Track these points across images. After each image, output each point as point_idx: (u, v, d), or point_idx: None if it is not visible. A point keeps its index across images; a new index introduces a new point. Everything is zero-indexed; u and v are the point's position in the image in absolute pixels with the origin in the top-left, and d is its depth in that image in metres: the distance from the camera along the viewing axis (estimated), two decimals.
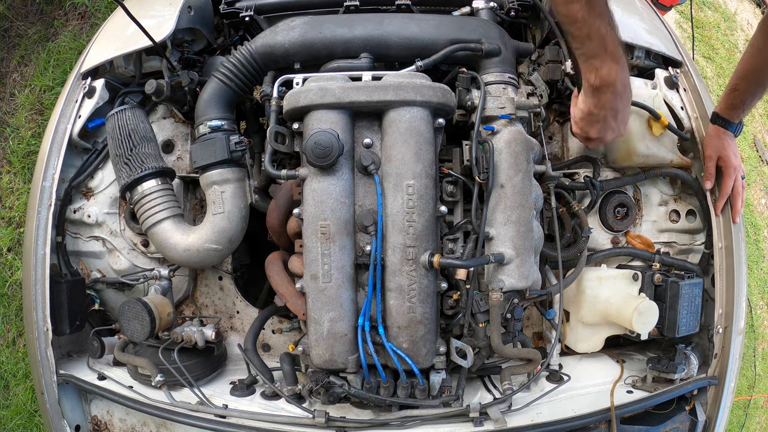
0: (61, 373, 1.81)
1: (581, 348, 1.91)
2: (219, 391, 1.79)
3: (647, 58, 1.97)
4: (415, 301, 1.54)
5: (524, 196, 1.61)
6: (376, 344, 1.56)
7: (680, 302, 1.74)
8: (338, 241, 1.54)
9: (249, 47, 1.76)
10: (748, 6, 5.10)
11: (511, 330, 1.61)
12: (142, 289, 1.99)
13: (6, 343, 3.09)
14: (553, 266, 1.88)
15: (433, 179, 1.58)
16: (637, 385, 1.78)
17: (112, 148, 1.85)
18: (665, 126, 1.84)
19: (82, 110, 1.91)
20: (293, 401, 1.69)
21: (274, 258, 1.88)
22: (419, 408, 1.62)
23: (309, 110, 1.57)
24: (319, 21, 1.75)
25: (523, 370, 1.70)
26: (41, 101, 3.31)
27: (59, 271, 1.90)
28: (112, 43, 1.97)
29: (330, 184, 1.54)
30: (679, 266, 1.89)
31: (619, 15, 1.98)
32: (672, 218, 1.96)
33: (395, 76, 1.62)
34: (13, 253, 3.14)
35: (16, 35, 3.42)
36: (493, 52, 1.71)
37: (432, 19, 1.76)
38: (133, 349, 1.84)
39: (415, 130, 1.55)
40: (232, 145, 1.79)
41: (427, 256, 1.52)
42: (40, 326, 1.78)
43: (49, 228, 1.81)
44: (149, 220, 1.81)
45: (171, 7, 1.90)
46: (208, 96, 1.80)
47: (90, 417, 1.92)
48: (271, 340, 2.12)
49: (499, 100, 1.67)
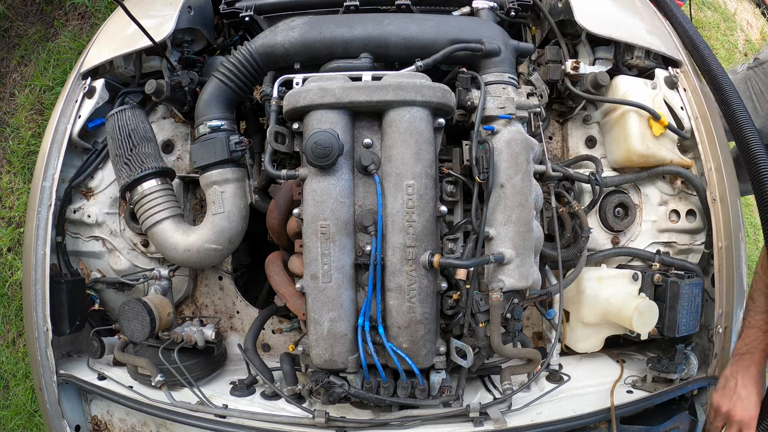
0: (61, 373, 1.81)
1: (581, 348, 1.91)
2: (219, 391, 1.79)
3: (647, 58, 1.97)
4: (415, 301, 1.54)
5: (524, 196, 1.61)
6: (376, 344, 1.56)
7: (680, 302, 1.73)
8: (338, 241, 1.54)
9: (249, 47, 1.76)
10: (747, 6, 5.10)
11: (511, 330, 1.61)
12: (142, 289, 1.99)
13: (6, 343, 3.09)
14: (553, 266, 1.87)
15: (433, 179, 1.58)
16: (637, 385, 1.78)
17: (112, 148, 1.85)
18: (665, 126, 1.84)
19: (82, 110, 1.92)
20: (293, 401, 1.69)
21: (274, 258, 1.88)
22: (419, 408, 1.62)
23: (309, 110, 1.57)
24: (319, 21, 1.75)
25: (523, 370, 1.70)
26: (41, 101, 3.31)
27: (59, 271, 1.90)
28: (112, 43, 1.97)
29: (330, 184, 1.54)
30: (679, 266, 1.89)
31: (620, 15, 2.00)
32: (672, 218, 1.96)
33: (395, 76, 1.62)
34: (13, 253, 3.14)
35: (16, 35, 3.42)
36: (493, 52, 1.71)
37: (432, 19, 1.75)
38: (133, 349, 1.84)
39: (415, 130, 1.55)
40: (232, 145, 1.79)
41: (427, 256, 1.52)
42: (40, 326, 1.78)
43: (49, 228, 1.82)
44: (149, 220, 1.81)
45: (171, 7, 1.90)
46: (208, 96, 1.80)
47: (90, 417, 1.92)
48: (271, 340, 2.12)
49: (498, 100, 1.67)
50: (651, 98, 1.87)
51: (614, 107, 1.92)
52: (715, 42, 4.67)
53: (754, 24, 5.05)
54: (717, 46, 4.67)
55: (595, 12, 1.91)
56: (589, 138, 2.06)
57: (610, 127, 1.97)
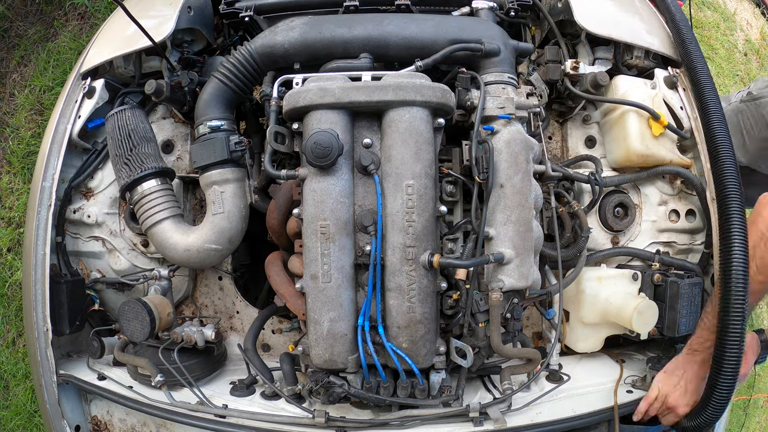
0: (61, 373, 1.81)
1: (581, 348, 1.91)
2: (219, 391, 1.79)
3: (647, 58, 1.97)
4: (414, 301, 1.54)
5: (524, 196, 1.61)
6: (375, 344, 1.56)
7: (680, 302, 1.74)
8: (338, 241, 1.54)
9: (249, 47, 1.76)
10: (747, 6, 5.10)
11: (510, 330, 1.61)
12: (142, 289, 1.99)
13: (6, 343, 3.09)
14: (552, 266, 1.88)
15: (433, 179, 1.58)
16: (637, 385, 1.78)
17: (111, 149, 1.85)
18: (665, 126, 1.84)
19: (82, 110, 1.92)
20: (293, 401, 1.69)
21: (274, 258, 1.88)
22: (419, 408, 1.62)
23: (309, 110, 1.57)
24: (319, 21, 1.75)
25: (523, 370, 1.70)
26: (41, 101, 3.31)
27: (59, 271, 1.90)
28: (112, 44, 1.97)
29: (329, 184, 1.54)
30: (679, 266, 1.89)
31: (619, 15, 2.00)
32: (671, 218, 1.96)
33: (395, 76, 1.62)
34: (13, 253, 3.14)
35: (16, 35, 3.42)
36: (492, 52, 1.71)
37: (432, 19, 1.75)
38: (133, 349, 1.84)
39: (415, 130, 1.55)
40: (232, 145, 1.79)
41: (427, 256, 1.52)
42: (40, 326, 1.78)
43: (49, 228, 1.82)
44: (149, 220, 1.81)
45: (171, 7, 1.90)
46: (208, 96, 1.80)
47: (90, 417, 1.92)
48: (271, 340, 2.12)
49: (498, 100, 1.67)
50: (650, 98, 1.87)
51: (614, 107, 1.92)
52: (715, 42, 4.67)
53: (754, 24, 5.05)
54: (717, 46, 4.67)
55: (594, 12, 1.91)
56: (589, 138, 2.06)
57: (609, 127, 1.97)
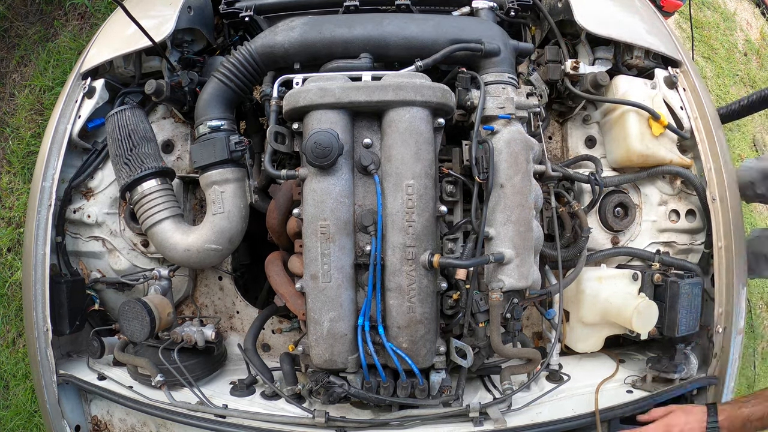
0: (61, 373, 1.81)
1: (581, 348, 1.91)
2: (219, 391, 1.79)
3: (647, 58, 1.97)
4: (414, 301, 1.54)
5: (524, 196, 1.61)
6: (375, 344, 1.56)
7: (680, 302, 1.74)
8: (338, 241, 1.54)
9: (249, 47, 1.76)
10: (747, 6, 5.10)
11: (510, 330, 1.61)
12: (142, 289, 1.99)
13: (6, 343, 3.09)
14: (552, 266, 1.88)
15: (433, 179, 1.58)
16: (637, 384, 1.78)
17: (111, 148, 1.85)
18: (665, 126, 1.84)
19: (82, 110, 1.92)
20: (293, 401, 1.69)
21: (274, 258, 1.88)
22: (419, 408, 1.62)
23: (309, 110, 1.57)
24: (319, 21, 1.75)
25: (523, 370, 1.70)
26: (41, 101, 3.31)
27: (59, 271, 1.90)
28: (112, 43, 1.97)
29: (330, 184, 1.54)
30: (679, 266, 1.89)
31: (619, 15, 2.00)
32: (672, 218, 1.96)
33: (395, 76, 1.62)
34: (13, 253, 3.14)
35: (16, 35, 3.42)
36: (492, 52, 1.71)
37: (432, 19, 1.75)
38: (133, 349, 1.84)
39: (415, 130, 1.55)
40: (232, 145, 1.79)
41: (427, 256, 1.52)
42: (40, 326, 1.78)
43: (49, 228, 1.82)
44: (149, 220, 1.81)
45: (171, 7, 1.90)
46: (208, 96, 1.80)
47: (90, 417, 1.92)
48: (271, 340, 2.12)
49: (498, 100, 1.67)
50: (650, 98, 1.87)
51: (614, 107, 1.92)
52: (715, 42, 4.67)
53: (754, 24, 5.05)
54: (717, 46, 4.67)
55: (594, 12, 1.91)
56: (589, 138, 2.06)
57: (609, 127, 1.97)
